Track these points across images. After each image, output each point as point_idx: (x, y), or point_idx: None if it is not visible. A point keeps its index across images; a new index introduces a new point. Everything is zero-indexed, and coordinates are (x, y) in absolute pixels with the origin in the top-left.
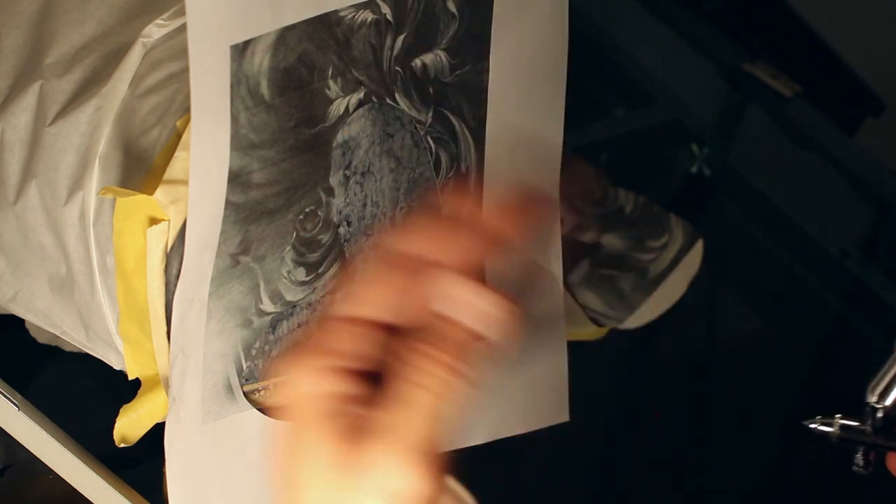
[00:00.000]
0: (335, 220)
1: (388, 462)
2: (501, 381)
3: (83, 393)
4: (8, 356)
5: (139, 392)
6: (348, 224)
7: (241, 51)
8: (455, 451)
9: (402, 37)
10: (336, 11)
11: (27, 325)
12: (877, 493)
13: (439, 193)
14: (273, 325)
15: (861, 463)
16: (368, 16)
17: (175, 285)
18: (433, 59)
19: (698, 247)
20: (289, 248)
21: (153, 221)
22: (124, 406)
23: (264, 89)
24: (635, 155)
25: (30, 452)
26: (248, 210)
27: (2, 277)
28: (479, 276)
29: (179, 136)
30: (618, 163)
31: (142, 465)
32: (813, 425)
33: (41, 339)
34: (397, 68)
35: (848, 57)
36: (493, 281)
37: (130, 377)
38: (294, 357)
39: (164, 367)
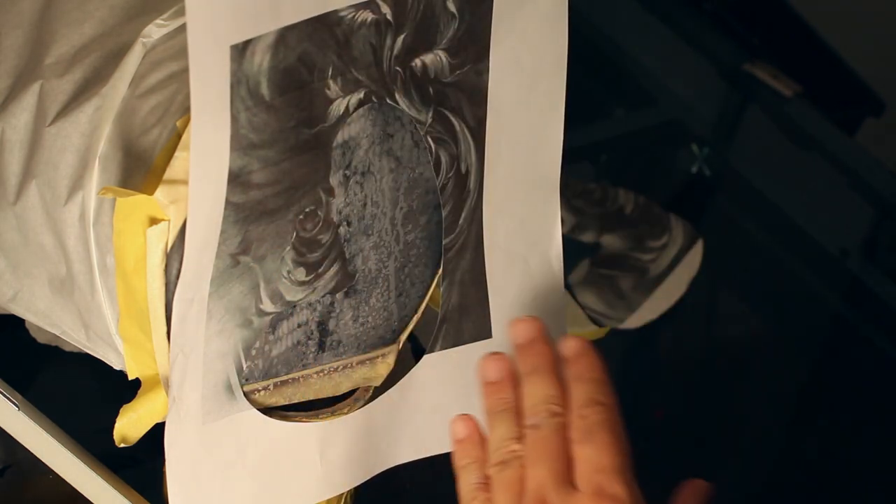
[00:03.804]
0: (335, 220)
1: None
2: None
3: (83, 393)
4: (8, 356)
5: (139, 392)
6: (348, 224)
7: (241, 51)
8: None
9: (402, 37)
10: (336, 11)
11: (27, 325)
12: (877, 493)
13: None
14: (273, 325)
15: None
16: (368, 16)
17: (175, 285)
18: (433, 59)
19: (698, 247)
20: (289, 248)
21: (153, 221)
22: (124, 406)
23: (264, 89)
24: (635, 155)
25: (30, 452)
26: (248, 210)
27: (2, 277)
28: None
29: (179, 136)
30: (618, 163)
31: (142, 465)
32: None
33: (41, 339)
34: (397, 68)
35: (848, 57)
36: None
37: (130, 377)
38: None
39: (164, 367)
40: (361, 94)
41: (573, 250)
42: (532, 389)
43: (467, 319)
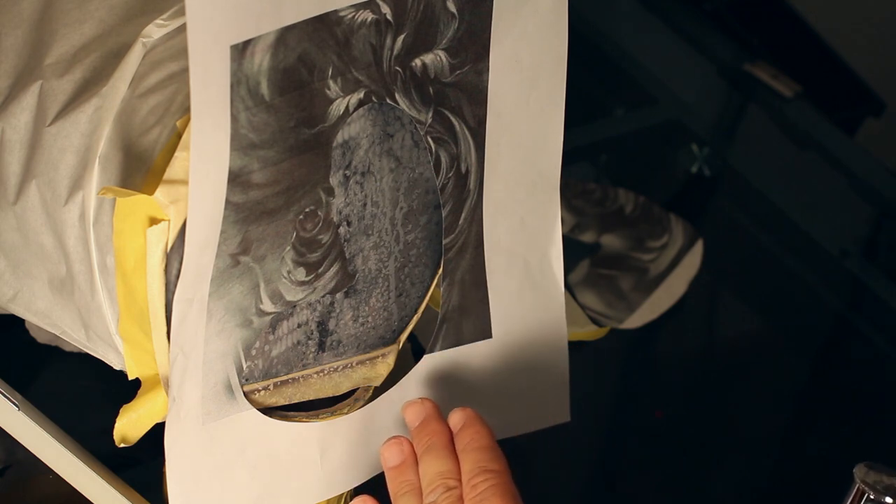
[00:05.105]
0: (335, 220)
1: None
2: (503, 382)
3: (83, 393)
4: (8, 356)
5: (139, 392)
6: (348, 224)
7: (240, 51)
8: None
9: (402, 37)
10: (336, 11)
11: (27, 325)
12: None
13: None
14: (273, 325)
15: None
16: (368, 16)
17: (175, 285)
18: (433, 59)
19: (698, 247)
20: (289, 248)
21: (153, 221)
22: (124, 406)
23: (264, 89)
24: (635, 155)
25: (30, 452)
26: (248, 210)
27: (2, 277)
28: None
29: (179, 136)
30: (618, 163)
31: (142, 465)
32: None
33: (41, 339)
34: (397, 68)
35: (848, 57)
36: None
37: (130, 377)
38: None
39: (164, 367)
40: (361, 94)
41: (573, 250)
42: (426, 468)
43: (467, 319)
